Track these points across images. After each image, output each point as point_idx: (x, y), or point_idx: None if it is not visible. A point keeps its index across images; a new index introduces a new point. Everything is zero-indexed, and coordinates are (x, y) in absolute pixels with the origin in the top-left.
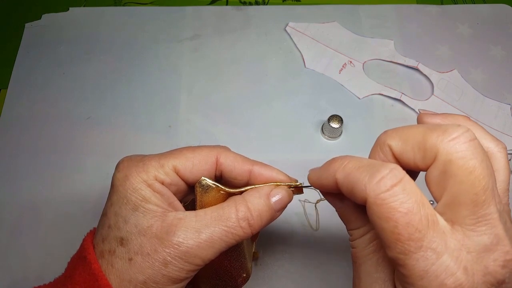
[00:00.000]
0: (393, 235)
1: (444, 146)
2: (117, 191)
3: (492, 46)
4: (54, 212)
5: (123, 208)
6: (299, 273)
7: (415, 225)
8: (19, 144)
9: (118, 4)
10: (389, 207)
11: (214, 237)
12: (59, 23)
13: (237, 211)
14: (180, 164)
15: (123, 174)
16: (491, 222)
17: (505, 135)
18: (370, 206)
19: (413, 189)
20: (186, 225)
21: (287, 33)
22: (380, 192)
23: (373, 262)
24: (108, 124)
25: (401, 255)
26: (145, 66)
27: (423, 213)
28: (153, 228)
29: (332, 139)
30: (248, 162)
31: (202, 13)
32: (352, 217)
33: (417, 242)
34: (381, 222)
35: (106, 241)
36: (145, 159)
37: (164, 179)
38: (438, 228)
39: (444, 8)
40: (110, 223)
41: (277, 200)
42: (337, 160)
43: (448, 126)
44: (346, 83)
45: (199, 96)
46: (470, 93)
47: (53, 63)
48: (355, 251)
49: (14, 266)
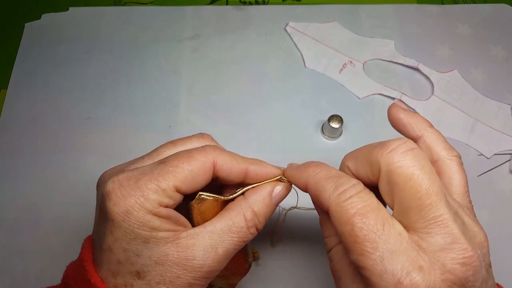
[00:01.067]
0: (351, 237)
1: (384, 158)
2: (121, 227)
3: (493, 46)
4: (54, 212)
5: (133, 244)
6: (299, 273)
7: (369, 227)
8: (19, 144)
9: (118, 4)
10: (346, 212)
11: (230, 249)
12: (59, 23)
13: (246, 220)
14: (181, 182)
15: (122, 208)
16: (444, 223)
17: (505, 135)
18: (332, 214)
19: (370, 198)
20: (202, 245)
21: (287, 33)
22: (341, 201)
23: (350, 273)
24: (108, 124)
25: (360, 257)
26: (145, 66)
27: (377, 216)
28: (170, 257)
29: (332, 139)
30: (242, 161)
31: (202, 13)
32: (326, 223)
33: (372, 243)
34: (341, 227)
35: (119, 276)
36: (140, 184)
37: (168, 203)
38: (394, 230)
39: (445, 8)
40: (120, 259)
41: (276, 195)
42: (311, 166)
43: (389, 140)
44: (346, 83)
45: (199, 96)
46: (470, 93)
47: (53, 63)
48: (332, 264)
49: (14, 266)
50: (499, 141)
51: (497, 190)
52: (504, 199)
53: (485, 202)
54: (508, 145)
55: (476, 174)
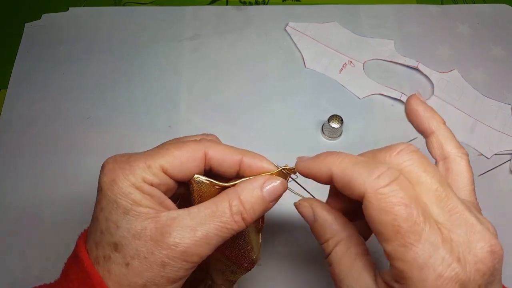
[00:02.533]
0: (393, 228)
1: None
2: (106, 196)
3: (493, 46)
4: (54, 212)
5: (114, 213)
6: (299, 273)
7: (413, 219)
8: (19, 144)
9: (118, 4)
10: (389, 201)
11: (210, 233)
12: (58, 23)
13: (230, 205)
14: (168, 163)
15: (110, 177)
16: (461, 214)
17: (505, 135)
18: (369, 201)
19: (409, 186)
20: (181, 225)
21: (287, 33)
22: (379, 187)
23: (354, 274)
24: (108, 124)
25: (401, 248)
26: (145, 66)
27: (419, 207)
28: (147, 231)
29: (332, 139)
30: (237, 152)
31: (202, 13)
32: (323, 228)
33: (416, 235)
34: (380, 216)
35: (100, 246)
36: (130, 160)
37: (153, 180)
38: (433, 222)
39: (444, 8)
40: (102, 228)
41: (269, 189)
42: (333, 155)
43: (376, 166)
44: (346, 83)
45: (199, 96)
46: (470, 93)
47: (53, 63)
48: (333, 268)
49: (14, 266)
50: (499, 141)
51: (497, 190)
52: (504, 199)
53: (486, 202)
54: (508, 145)
55: (477, 174)
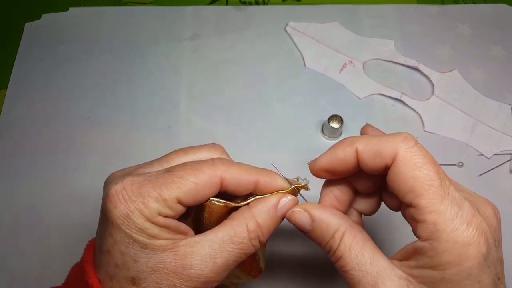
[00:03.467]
0: (428, 182)
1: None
2: (119, 231)
3: (493, 46)
4: (54, 212)
5: (131, 248)
6: (299, 273)
7: (442, 176)
8: (19, 144)
9: (118, 4)
10: (421, 157)
11: (229, 260)
12: (59, 23)
13: (248, 231)
14: (184, 194)
15: (122, 211)
16: (463, 187)
17: (505, 135)
18: (403, 159)
19: (428, 151)
20: (201, 255)
21: (287, 33)
22: (410, 146)
23: (367, 255)
24: (108, 124)
25: (434, 200)
26: (145, 66)
27: (442, 169)
28: (167, 264)
29: (332, 139)
30: (252, 172)
31: (202, 13)
32: (325, 225)
33: (445, 189)
34: (414, 171)
35: (115, 280)
36: (142, 190)
37: (168, 213)
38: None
39: (444, 8)
40: (117, 262)
41: (282, 208)
42: (349, 137)
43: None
44: (346, 83)
45: (199, 96)
46: (471, 93)
47: (53, 63)
48: (344, 259)
49: (14, 266)
50: (499, 141)
51: (497, 190)
52: (504, 199)
53: None
54: (508, 145)
55: (477, 174)
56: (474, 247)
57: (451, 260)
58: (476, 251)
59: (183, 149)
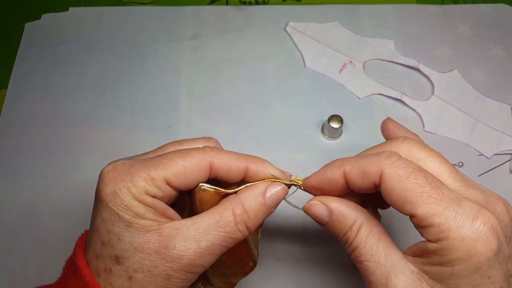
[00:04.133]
0: (419, 190)
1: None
2: (107, 208)
3: (493, 46)
4: (54, 212)
5: (116, 226)
6: (299, 272)
7: (431, 178)
8: (19, 144)
9: (118, 4)
10: (407, 169)
11: (214, 244)
12: (59, 23)
13: (234, 215)
14: (172, 175)
15: (110, 189)
16: (471, 182)
17: (505, 135)
18: (389, 175)
19: (413, 161)
20: (185, 236)
21: (287, 33)
22: (393, 161)
23: (382, 248)
24: (108, 124)
25: (431, 205)
26: (145, 66)
27: (430, 173)
28: (150, 244)
29: (332, 139)
30: (242, 159)
31: (202, 13)
32: (342, 217)
33: (439, 193)
34: (404, 183)
35: (100, 259)
36: (132, 170)
37: (156, 193)
38: (447, 187)
39: (444, 8)
40: (104, 240)
41: (271, 196)
42: (338, 159)
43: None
44: (346, 83)
45: (199, 96)
46: (471, 93)
47: (53, 63)
48: (359, 250)
49: (14, 266)
50: (499, 141)
51: (497, 190)
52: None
53: None
54: (508, 145)
55: (476, 174)
56: (482, 243)
57: (460, 256)
58: (485, 246)
59: (178, 141)
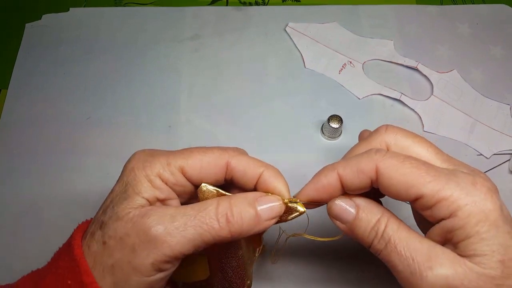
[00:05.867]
0: (416, 172)
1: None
2: (122, 181)
3: (492, 46)
4: (54, 212)
5: (118, 197)
6: (300, 272)
7: (421, 162)
8: (19, 144)
9: (118, 4)
10: (399, 158)
11: (188, 224)
12: (59, 24)
13: (218, 205)
14: (187, 165)
15: (132, 165)
16: (458, 162)
17: (504, 135)
18: (384, 167)
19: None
20: (163, 212)
21: (287, 33)
22: (384, 153)
23: (414, 237)
24: (108, 124)
25: (433, 182)
26: (145, 66)
27: (419, 159)
28: (131, 214)
29: (332, 139)
30: (259, 165)
31: (202, 13)
32: (370, 212)
33: (432, 170)
34: (401, 170)
35: (94, 223)
36: (155, 154)
37: (168, 178)
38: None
39: (444, 8)
40: (105, 207)
41: (265, 208)
42: (326, 166)
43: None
44: (346, 83)
45: (199, 96)
46: (470, 93)
47: (53, 63)
48: (393, 239)
49: (14, 266)
50: (499, 141)
51: None
52: (504, 199)
53: None
54: (508, 145)
55: None
56: (490, 201)
57: (479, 219)
58: (494, 204)
59: (203, 148)
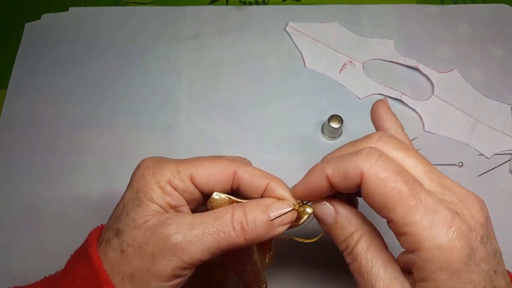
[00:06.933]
0: (396, 195)
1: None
2: (132, 187)
3: (492, 46)
4: (54, 212)
5: (131, 203)
6: (300, 272)
7: (411, 184)
8: (19, 144)
9: (118, 4)
10: (386, 172)
11: (206, 234)
12: (59, 23)
13: (233, 213)
14: (196, 173)
15: (141, 172)
16: (447, 182)
17: (505, 135)
18: (368, 177)
19: (394, 161)
20: (181, 220)
21: (287, 33)
22: (373, 162)
23: (382, 261)
24: (108, 124)
25: (408, 212)
26: (145, 66)
27: (411, 176)
28: (149, 222)
29: (332, 139)
30: (265, 176)
31: (202, 13)
32: (346, 222)
33: (416, 198)
34: (383, 187)
35: (108, 230)
36: (164, 161)
37: (178, 185)
38: (424, 187)
39: (444, 8)
40: (117, 214)
41: (278, 214)
42: (318, 164)
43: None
44: (346, 83)
45: (199, 96)
46: (470, 93)
47: (53, 63)
48: (359, 260)
49: (14, 266)
50: (499, 141)
51: (497, 190)
52: (504, 199)
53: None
54: (508, 145)
55: (476, 174)
56: (457, 250)
57: (440, 266)
58: (460, 253)
59: (211, 157)
